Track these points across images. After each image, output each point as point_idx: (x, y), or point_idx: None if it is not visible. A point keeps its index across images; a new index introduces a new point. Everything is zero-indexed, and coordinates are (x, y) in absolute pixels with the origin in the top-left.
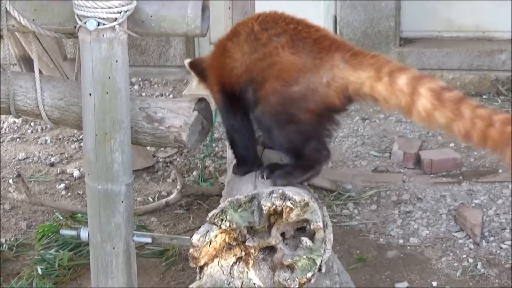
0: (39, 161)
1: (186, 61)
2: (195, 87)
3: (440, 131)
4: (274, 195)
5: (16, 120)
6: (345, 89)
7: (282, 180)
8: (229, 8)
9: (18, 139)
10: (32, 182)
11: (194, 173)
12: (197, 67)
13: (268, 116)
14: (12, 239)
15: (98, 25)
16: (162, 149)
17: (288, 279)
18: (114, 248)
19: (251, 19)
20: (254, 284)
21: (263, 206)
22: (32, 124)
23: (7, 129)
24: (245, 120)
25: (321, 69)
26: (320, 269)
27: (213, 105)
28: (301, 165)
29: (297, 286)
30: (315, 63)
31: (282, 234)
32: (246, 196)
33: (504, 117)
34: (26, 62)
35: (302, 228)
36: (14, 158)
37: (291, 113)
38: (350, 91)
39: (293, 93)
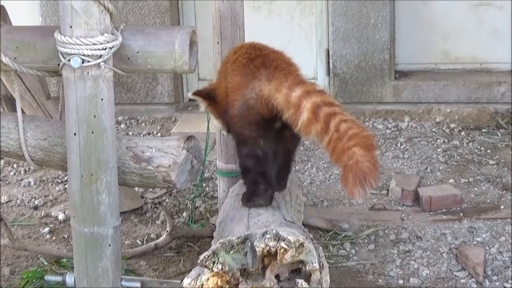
0: (22, 204)
1: (189, 93)
2: (204, 111)
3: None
4: (268, 236)
5: None
6: (267, 100)
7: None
8: (218, 42)
9: (1, 182)
10: (15, 226)
11: (184, 214)
12: (203, 92)
13: (233, 138)
14: None
15: (83, 62)
16: (151, 189)
17: None
18: None
19: (230, 51)
20: None
21: (256, 248)
22: (14, 165)
23: None
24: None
25: (251, 84)
26: None
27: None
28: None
29: None
30: (248, 79)
31: (277, 276)
32: (238, 237)
33: (353, 132)
34: (8, 101)
35: (298, 270)
36: None
37: (239, 132)
38: (270, 101)
39: (237, 111)
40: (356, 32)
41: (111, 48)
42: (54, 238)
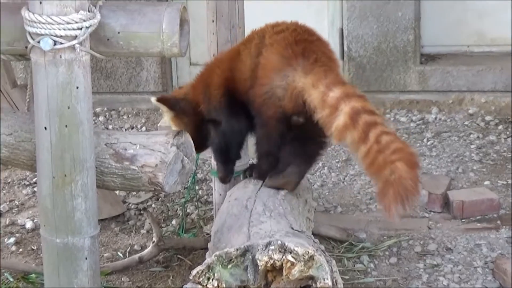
0: None
1: (153, 99)
2: (168, 123)
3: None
4: (272, 247)
5: None
6: (298, 94)
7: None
8: (212, 21)
9: None
10: None
11: (174, 221)
12: (169, 101)
13: (255, 117)
14: None
15: (55, 44)
16: (134, 193)
17: None
18: None
19: (267, 25)
20: None
21: (258, 261)
22: None
23: None
24: (245, 124)
25: (284, 70)
26: None
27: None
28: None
29: None
30: (283, 63)
31: None
32: (237, 249)
33: (397, 146)
34: None
35: (307, 287)
36: None
37: (262, 112)
38: (301, 96)
39: (261, 98)
40: (375, 9)
41: (87, 27)
42: (21, 250)
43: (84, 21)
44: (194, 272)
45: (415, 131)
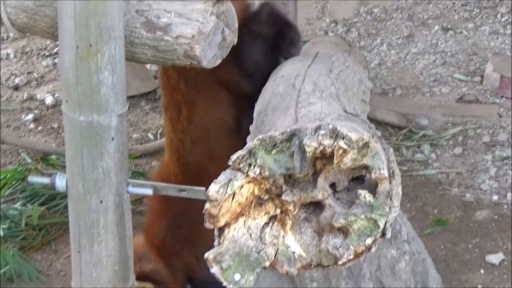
0: None
1: None
2: None
3: None
4: (322, 132)
5: None
6: None
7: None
8: None
9: None
10: None
11: None
12: None
13: None
14: None
15: None
16: None
17: (340, 246)
18: (101, 201)
19: None
20: (293, 252)
21: (306, 147)
22: None
23: None
24: None
25: None
26: (383, 234)
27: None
28: None
29: (352, 257)
30: None
31: (332, 186)
32: (283, 133)
33: None
34: None
35: (360, 178)
36: None
37: None
38: None
39: None
40: None
41: None
42: (40, 128)
43: None
44: (233, 157)
45: (488, 5)
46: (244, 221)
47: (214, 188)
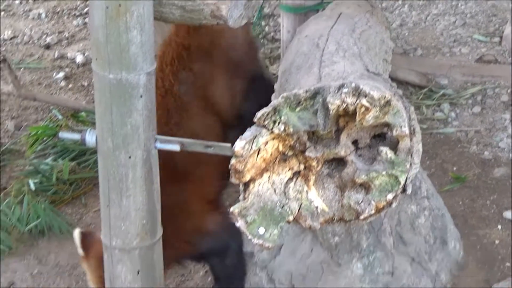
0: (30, 42)
1: None
2: None
3: None
4: (345, 90)
5: None
6: None
7: None
8: None
9: (2, 13)
10: (22, 69)
11: None
12: None
13: None
14: None
15: None
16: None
17: (362, 202)
18: (130, 157)
19: None
20: (316, 207)
21: (329, 105)
22: None
23: None
24: None
25: None
26: (404, 190)
27: None
28: None
29: (373, 212)
30: None
31: (355, 143)
32: (307, 91)
33: None
34: None
35: (381, 135)
36: None
37: None
38: None
39: None
40: None
41: None
42: (70, 85)
43: None
44: (259, 114)
45: None
46: (269, 177)
47: (240, 144)
